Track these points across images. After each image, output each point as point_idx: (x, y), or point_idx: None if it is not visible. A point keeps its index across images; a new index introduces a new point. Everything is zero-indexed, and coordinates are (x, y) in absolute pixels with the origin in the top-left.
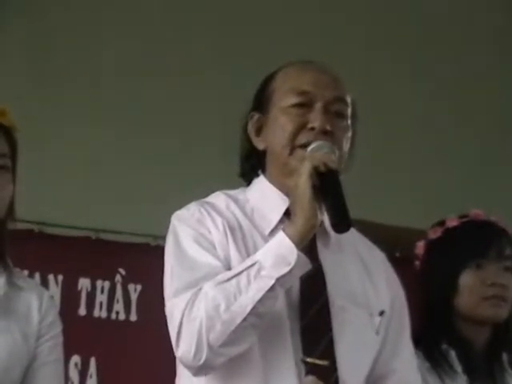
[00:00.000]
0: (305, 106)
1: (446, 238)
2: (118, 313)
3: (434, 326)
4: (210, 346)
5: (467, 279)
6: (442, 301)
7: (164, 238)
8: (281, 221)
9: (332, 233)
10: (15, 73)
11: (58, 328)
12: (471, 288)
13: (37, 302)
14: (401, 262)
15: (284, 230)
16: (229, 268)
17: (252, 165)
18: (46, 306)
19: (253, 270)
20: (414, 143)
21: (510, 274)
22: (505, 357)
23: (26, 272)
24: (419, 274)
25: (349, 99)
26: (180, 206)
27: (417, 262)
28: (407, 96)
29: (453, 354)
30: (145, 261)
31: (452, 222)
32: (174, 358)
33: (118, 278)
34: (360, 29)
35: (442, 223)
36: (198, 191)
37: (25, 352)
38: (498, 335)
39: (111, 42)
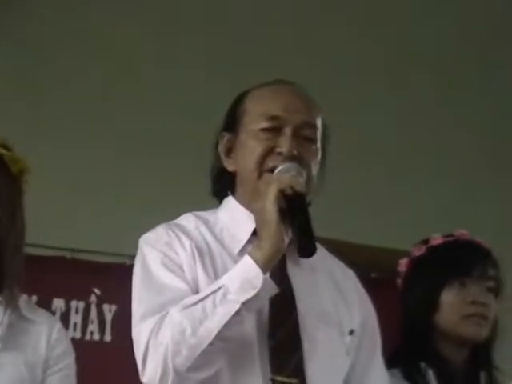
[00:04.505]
0: (274, 130)
1: (429, 255)
2: (92, 333)
3: (413, 345)
4: (176, 371)
5: (449, 297)
6: (423, 318)
7: None
8: (249, 240)
9: None
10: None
11: (68, 359)
12: (452, 306)
13: (46, 334)
14: (377, 283)
15: (250, 254)
16: (197, 291)
17: (222, 184)
18: (56, 338)
19: (218, 295)
20: (392, 163)
21: (493, 294)
22: (482, 376)
23: None
24: (401, 292)
25: (319, 123)
26: (155, 226)
27: (399, 280)
28: (389, 117)
29: (430, 372)
30: (120, 281)
31: (436, 241)
32: None
33: (92, 298)
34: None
35: (426, 241)
36: (173, 212)
37: None
38: (477, 355)
39: (97, 68)
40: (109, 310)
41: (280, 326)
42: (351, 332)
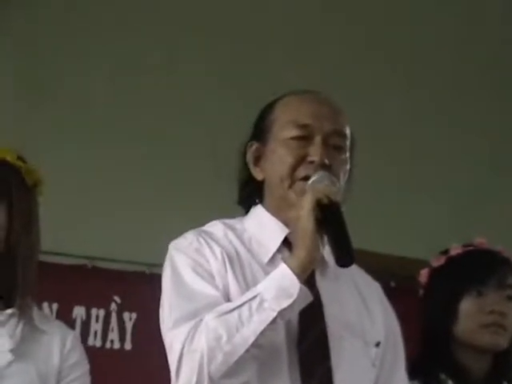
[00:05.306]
0: (304, 138)
1: (448, 265)
2: (112, 341)
3: (432, 355)
4: (210, 378)
5: (467, 306)
6: (442, 328)
7: (160, 266)
8: (279, 250)
9: (330, 262)
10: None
11: (82, 369)
12: (470, 315)
13: (58, 345)
14: (396, 292)
15: (286, 262)
16: (227, 298)
17: (250, 193)
18: (69, 348)
19: (255, 303)
20: (410, 172)
21: None
22: None
23: None
24: (421, 302)
25: (348, 131)
26: (176, 235)
27: (420, 291)
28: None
29: (449, 383)
30: (140, 289)
31: (456, 250)
32: None
33: (113, 306)
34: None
35: (445, 251)
36: (194, 219)
37: None
38: (498, 365)
39: (97, 68)
40: (129, 319)
41: (309, 335)
42: (377, 344)
